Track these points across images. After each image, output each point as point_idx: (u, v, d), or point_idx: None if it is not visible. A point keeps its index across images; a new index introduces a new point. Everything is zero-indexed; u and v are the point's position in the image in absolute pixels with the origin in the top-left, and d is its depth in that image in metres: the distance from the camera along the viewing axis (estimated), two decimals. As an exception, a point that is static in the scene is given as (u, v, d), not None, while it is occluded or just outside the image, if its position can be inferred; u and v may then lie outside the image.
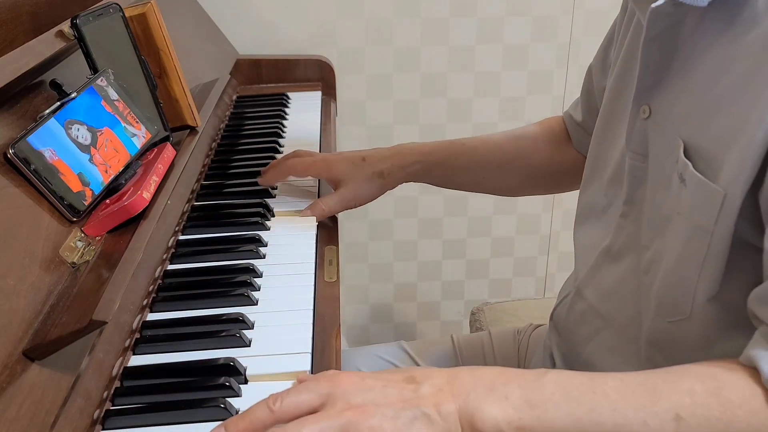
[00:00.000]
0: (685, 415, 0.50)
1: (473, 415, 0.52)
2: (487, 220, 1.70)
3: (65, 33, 0.75)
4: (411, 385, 0.54)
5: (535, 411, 0.52)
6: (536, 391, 0.53)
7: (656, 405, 0.51)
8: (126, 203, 0.70)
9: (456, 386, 0.53)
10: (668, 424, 0.50)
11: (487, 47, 1.53)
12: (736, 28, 0.57)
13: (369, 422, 0.51)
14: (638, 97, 0.67)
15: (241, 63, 1.42)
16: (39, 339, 0.55)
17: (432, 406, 0.52)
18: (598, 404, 0.52)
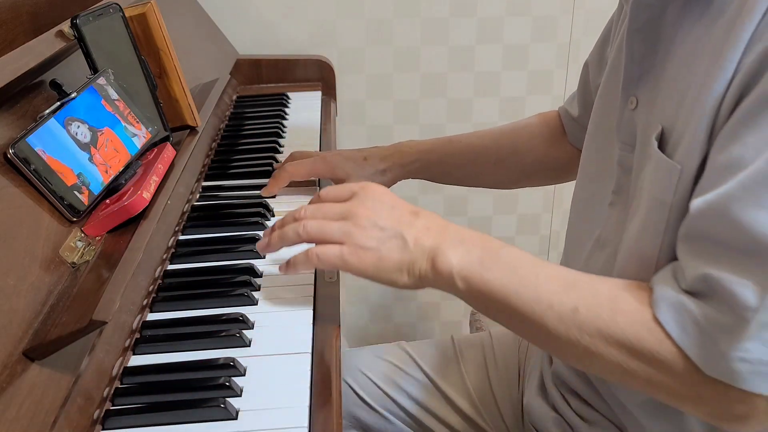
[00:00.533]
0: (581, 309, 0.58)
1: (437, 256, 0.64)
2: (487, 220, 1.70)
3: (65, 33, 0.75)
4: (412, 216, 0.67)
5: (481, 269, 0.63)
6: (491, 256, 0.64)
7: (565, 295, 0.60)
8: (126, 203, 0.70)
9: (441, 231, 0.66)
10: (567, 312, 0.59)
11: (487, 47, 1.53)
12: (708, 17, 0.59)
13: (362, 221, 0.66)
14: (626, 89, 0.69)
15: (241, 63, 1.42)
16: (39, 339, 0.55)
17: (413, 235, 0.65)
18: (527, 281, 0.61)
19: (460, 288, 0.64)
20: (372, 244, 0.65)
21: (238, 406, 0.59)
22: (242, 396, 0.61)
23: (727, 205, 0.53)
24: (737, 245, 0.52)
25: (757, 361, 0.52)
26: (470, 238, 0.65)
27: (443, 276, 0.64)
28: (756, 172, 0.51)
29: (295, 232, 0.68)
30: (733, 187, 0.53)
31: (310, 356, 0.66)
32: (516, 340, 0.97)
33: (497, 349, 0.96)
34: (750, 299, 0.51)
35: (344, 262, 0.65)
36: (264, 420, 0.58)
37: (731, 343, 0.52)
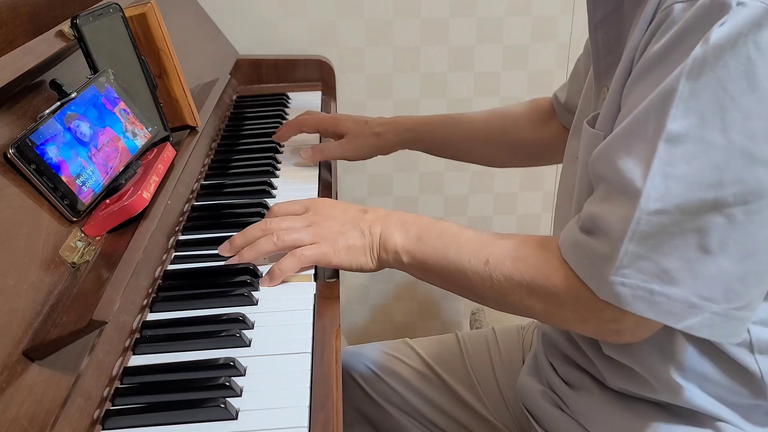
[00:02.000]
0: (491, 260, 0.69)
1: (386, 238, 0.76)
2: (487, 220, 1.70)
3: (65, 33, 0.75)
4: (361, 213, 0.79)
5: (418, 243, 0.75)
6: (426, 231, 0.75)
7: (480, 251, 0.70)
8: (126, 203, 0.70)
9: (386, 219, 0.78)
10: (480, 264, 0.70)
11: (487, 47, 1.53)
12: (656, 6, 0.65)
13: (325, 223, 0.78)
14: (597, 80, 0.75)
15: (241, 63, 1.42)
16: (39, 339, 0.55)
17: (367, 226, 0.77)
18: (452, 245, 0.72)
19: (405, 262, 0.75)
20: (339, 238, 0.77)
21: (238, 406, 0.59)
22: (242, 396, 0.61)
23: (609, 151, 0.62)
24: (613, 185, 0.61)
25: (635, 286, 0.59)
26: (410, 220, 0.77)
27: (391, 254, 0.75)
28: (628, 125, 0.60)
29: (270, 242, 0.77)
30: (613, 136, 0.62)
31: (310, 356, 0.66)
32: (519, 335, 0.98)
33: (501, 345, 0.97)
34: (617, 230, 0.59)
35: (324, 255, 0.76)
36: (264, 420, 0.58)
37: (611, 270, 0.60)
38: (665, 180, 0.57)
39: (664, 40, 0.59)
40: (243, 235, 0.78)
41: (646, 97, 0.59)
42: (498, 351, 0.97)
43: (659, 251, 0.59)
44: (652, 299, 0.59)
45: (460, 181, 1.65)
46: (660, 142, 0.57)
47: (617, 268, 0.60)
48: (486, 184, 1.67)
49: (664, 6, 0.60)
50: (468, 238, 0.73)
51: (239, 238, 0.78)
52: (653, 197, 0.58)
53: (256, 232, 0.78)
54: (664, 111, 0.57)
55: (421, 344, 1.00)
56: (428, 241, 0.74)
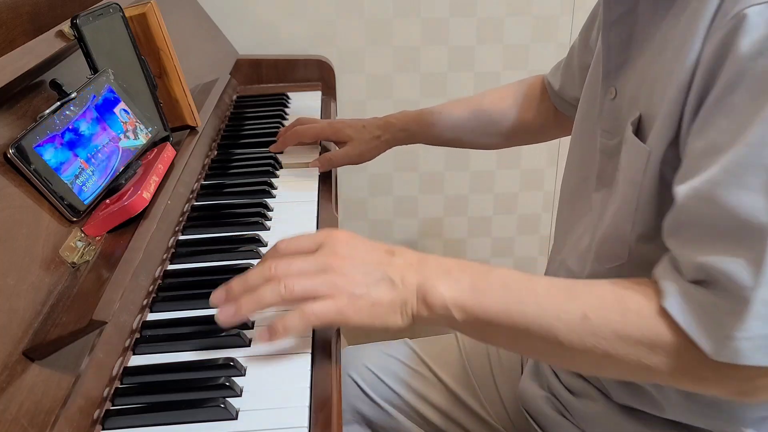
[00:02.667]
0: (591, 315, 0.58)
1: (427, 291, 0.62)
2: (487, 220, 1.70)
3: (65, 33, 0.75)
4: (388, 255, 0.64)
5: (476, 295, 0.61)
6: (482, 280, 0.62)
7: (570, 303, 0.59)
8: (126, 203, 0.70)
9: (422, 265, 0.64)
10: (576, 320, 0.58)
11: (487, 47, 1.53)
12: (677, 8, 0.62)
13: (344, 270, 0.62)
14: (605, 80, 0.72)
15: (241, 63, 1.42)
16: (39, 339, 0.55)
17: (398, 274, 0.62)
18: (526, 297, 0.61)
19: (457, 319, 0.62)
20: (362, 290, 0.61)
21: (238, 406, 0.59)
22: (242, 396, 0.61)
23: (712, 190, 0.54)
24: (726, 229, 0.54)
25: (758, 336, 0.53)
26: (455, 266, 0.64)
27: (437, 310, 0.62)
28: (736, 155, 0.53)
29: (275, 293, 0.61)
30: (715, 172, 0.54)
31: (310, 356, 0.66)
32: None
33: None
34: (746, 279, 0.52)
35: (342, 315, 0.61)
36: (264, 420, 0.58)
37: (735, 325, 0.53)
38: None
39: (750, 50, 0.53)
40: (242, 281, 0.63)
41: (752, 118, 0.53)
42: (497, 352, 0.97)
43: None
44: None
45: (460, 181, 1.65)
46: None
47: (742, 321, 0.53)
48: (486, 184, 1.67)
49: (732, 13, 0.54)
50: (544, 287, 0.62)
51: (238, 284, 0.63)
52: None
53: (258, 279, 0.62)
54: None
55: (420, 345, 1.00)
56: (489, 292, 0.61)
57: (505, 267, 0.64)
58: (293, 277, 0.61)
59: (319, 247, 0.64)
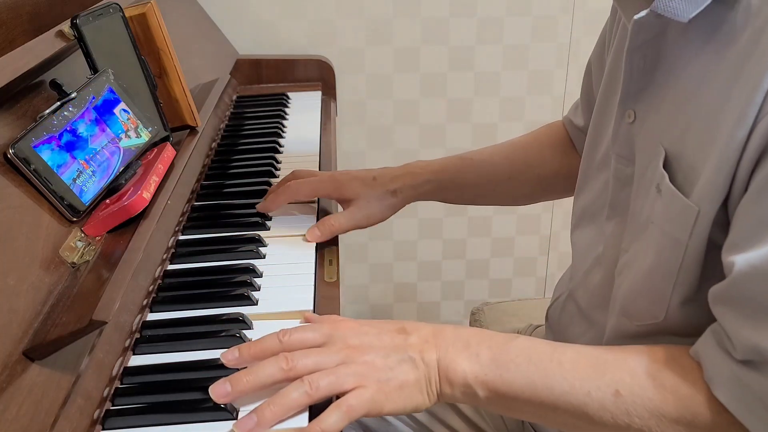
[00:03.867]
0: (623, 391, 0.56)
1: (448, 367, 0.60)
2: (487, 220, 1.70)
3: (65, 33, 0.75)
4: (402, 335, 0.62)
5: (499, 369, 0.59)
6: (503, 352, 0.60)
7: (601, 379, 0.57)
8: (126, 203, 0.70)
9: (439, 340, 0.61)
10: (608, 397, 0.56)
11: (487, 47, 1.53)
12: (716, 43, 0.57)
13: (363, 358, 0.60)
14: (623, 102, 0.67)
15: (241, 63, 1.42)
16: (39, 339, 0.55)
17: (417, 353, 0.60)
18: (552, 371, 0.58)
19: (480, 396, 0.60)
20: (387, 375, 0.59)
21: (238, 406, 0.59)
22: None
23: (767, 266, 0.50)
24: None
25: None
26: (473, 337, 0.61)
27: (459, 387, 0.60)
28: None
29: (302, 393, 0.57)
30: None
31: (310, 356, 0.66)
32: None
33: None
34: None
35: (376, 403, 0.58)
36: (264, 420, 0.58)
37: None
38: None
39: None
40: (253, 373, 0.58)
41: None
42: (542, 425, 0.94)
43: None
44: None
45: (460, 181, 1.65)
46: None
47: None
48: (486, 184, 1.67)
49: None
50: (571, 359, 0.59)
51: (247, 375, 0.58)
52: None
53: (274, 371, 0.58)
54: None
55: None
56: (512, 367, 0.59)
57: (526, 337, 0.62)
58: (317, 373, 0.58)
59: (327, 339, 0.62)
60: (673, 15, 0.58)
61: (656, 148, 0.62)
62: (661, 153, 0.61)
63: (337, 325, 0.63)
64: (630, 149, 0.67)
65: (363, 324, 0.63)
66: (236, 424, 0.56)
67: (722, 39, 0.57)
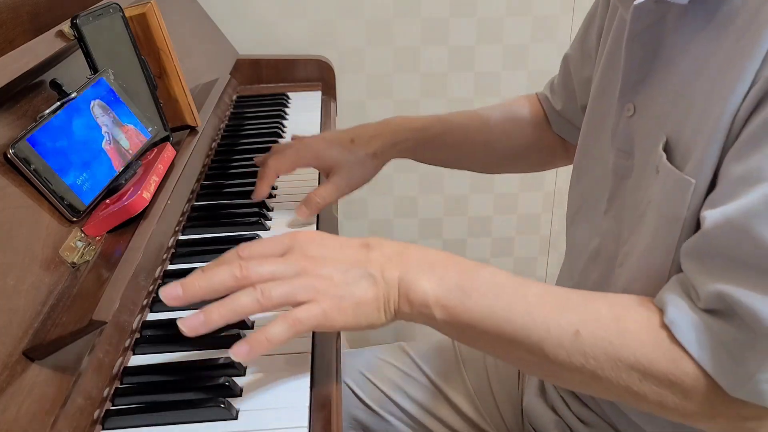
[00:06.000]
0: (584, 332, 0.54)
1: (409, 286, 0.58)
2: (487, 220, 1.70)
3: (65, 33, 0.75)
4: (364, 249, 0.60)
5: (461, 295, 0.57)
6: (468, 279, 0.58)
7: (562, 317, 0.55)
8: (126, 203, 0.70)
9: (403, 258, 0.59)
10: (567, 335, 0.55)
11: (487, 47, 1.53)
12: (715, 24, 0.57)
13: (321, 271, 0.57)
14: (623, 95, 0.67)
15: (241, 63, 1.42)
16: (39, 339, 0.55)
17: (378, 269, 0.58)
18: (515, 304, 0.57)
19: (438, 319, 0.58)
20: (343, 291, 0.57)
21: (238, 406, 0.59)
22: (242, 396, 0.61)
23: (748, 221, 0.50)
24: (758, 262, 0.50)
25: None
26: (439, 261, 0.59)
27: (418, 306, 0.58)
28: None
29: (252, 299, 0.55)
30: (753, 201, 0.50)
31: (310, 356, 0.66)
32: None
33: None
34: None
35: (328, 319, 0.57)
36: (264, 420, 0.58)
37: (757, 363, 0.50)
38: None
39: None
40: (205, 278, 0.57)
41: None
42: (494, 357, 0.95)
43: None
44: None
45: (460, 181, 1.65)
46: None
47: (765, 361, 0.50)
48: (486, 184, 1.67)
49: None
50: (537, 294, 0.58)
51: (199, 279, 0.57)
52: None
53: (226, 277, 0.57)
54: None
55: (417, 349, 0.98)
56: (476, 294, 0.57)
57: (494, 267, 0.60)
58: (270, 282, 0.56)
59: (287, 250, 0.59)
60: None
61: (657, 137, 0.62)
62: (662, 138, 0.61)
63: (297, 236, 0.61)
64: (630, 143, 0.67)
65: (326, 237, 0.61)
66: (180, 320, 0.55)
67: (721, 20, 0.57)
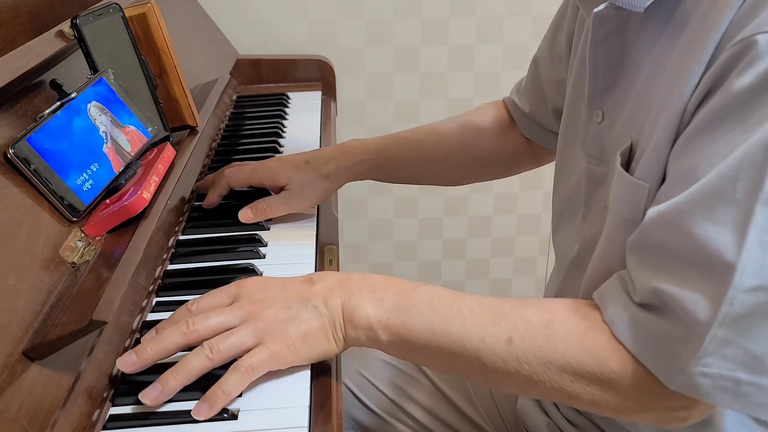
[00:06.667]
0: (515, 339, 0.57)
1: (352, 311, 0.61)
2: (487, 220, 1.70)
3: (65, 33, 0.75)
4: (307, 284, 0.63)
5: (401, 315, 0.60)
6: (407, 299, 0.61)
7: (496, 326, 0.58)
8: (126, 203, 0.70)
9: (344, 286, 0.62)
10: (501, 344, 0.57)
11: (487, 47, 1.53)
12: (671, 29, 0.58)
13: (265, 312, 0.60)
14: (591, 101, 0.67)
15: (241, 63, 1.42)
16: (39, 339, 0.55)
17: (321, 300, 0.61)
18: (451, 318, 0.59)
19: (383, 340, 0.61)
20: (288, 327, 0.60)
21: (238, 406, 0.59)
22: (242, 396, 0.60)
23: (679, 218, 0.52)
24: (688, 258, 0.51)
25: (718, 376, 0.51)
26: (379, 284, 0.62)
27: (363, 330, 0.61)
28: (707, 185, 0.51)
29: (203, 359, 0.58)
30: (684, 199, 0.52)
31: (310, 356, 0.66)
32: None
33: None
34: (702, 315, 0.50)
35: (276, 356, 0.59)
36: (264, 420, 0.58)
37: (690, 358, 0.51)
38: (763, 250, 0.48)
39: (751, 78, 0.49)
40: (156, 342, 0.59)
41: (727, 146, 0.50)
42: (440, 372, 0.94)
43: (749, 335, 0.50)
44: (738, 390, 0.51)
45: (460, 181, 1.65)
46: (757, 205, 0.48)
47: (698, 356, 0.51)
48: (486, 184, 1.67)
49: (738, 38, 0.50)
50: (470, 307, 0.60)
51: (151, 345, 0.59)
52: (750, 272, 0.49)
53: (175, 337, 0.59)
54: (762, 166, 0.48)
55: None
56: (414, 312, 0.60)
57: (431, 285, 0.63)
58: (217, 337, 0.59)
59: (234, 298, 0.62)
60: (629, 5, 0.59)
61: (624, 143, 0.62)
62: (627, 143, 0.62)
63: (243, 283, 0.64)
64: (600, 149, 0.67)
65: (269, 279, 0.65)
66: (141, 394, 0.58)
67: (675, 26, 0.58)
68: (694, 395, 0.53)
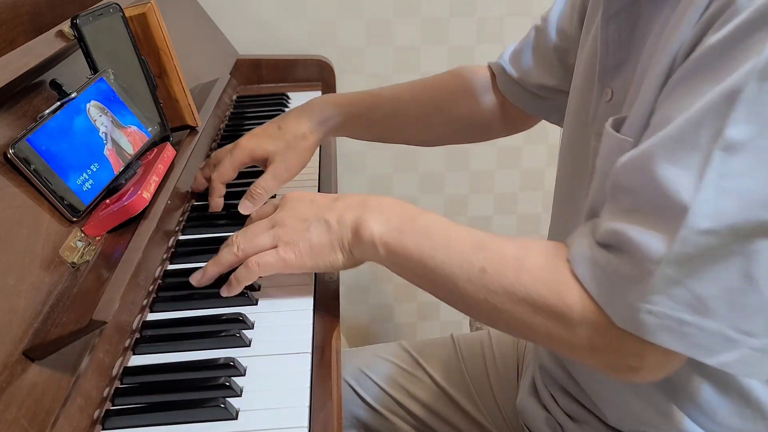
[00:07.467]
0: (489, 269, 0.60)
1: (360, 224, 0.67)
2: (487, 220, 1.70)
3: (65, 33, 0.75)
4: (332, 201, 0.71)
5: (399, 235, 0.66)
6: (408, 223, 0.66)
7: (474, 255, 0.62)
8: (126, 203, 0.70)
9: (362, 205, 0.69)
10: (475, 272, 0.61)
11: (486, 47, 1.53)
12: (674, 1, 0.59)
13: (287, 221, 0.70)
14: (601, 79, 0.68)
15: (241, 63, 1.42)
16: (39, 339, 0.55)
17: (335, 216, 0.69)
18: (439, 243, 0.64)
19: (381, 254, 0.67)
20: (299, 236, 0.69)
21: (238, 406, 0.59)
22: (242, 396, 0.61)
23: (646, 161, 0.53)
24: (648, 199, 0.53)
25: (663, 315, 0.52)
26: (390, 207, 0.68)
27: (367, 244, 0.67)
28: (674, 130, 0.52)
29: (230, 254, 0.70)
30: (652, 143, 0.53)
31: (310, 356, 0.66)
32: (514, 339, 0.97)
33: (496, 349, 0.96)
34: (653, 252, 0.52)
35: (282, 261, 0.69)
36: (264, 420, 0.58)
37: (638, 295, 0.53)
38: (718, 195, 0.50)
39: (726, 32, 0.51)
40: (216, 263, 0.72)
41: (698, 96, 0.52)
42: (492, 355, 0.95)
43: (696, 277, 0.51)
44: (681, 330, 0.52)
45: (460, 181, 1.65)
46: (715, 150, 0.50)
47: (645, 294, 0.52)
48: (486, 184, 1.67)
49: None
50: (459, 236, 0.64)
51: (212, 264, 0.72)
52: (704, 214, 0.50)
53: (228, 256, 0.71)
54: (725, 114, 0.49)
55: (417, 347, 0.98)
56: (411, 234, 0.65)
57: (437, 214, 0.67)
58: (245, 239, 0.70)
59: (276, 208, 0.73)
60: None
61: None
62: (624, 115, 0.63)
63: (286, 195, 0.74)
64: None
65: (307, 193, 0.73)
66: (191, 276, 0.72)
67: None
68: (638, 332, 0.54)
